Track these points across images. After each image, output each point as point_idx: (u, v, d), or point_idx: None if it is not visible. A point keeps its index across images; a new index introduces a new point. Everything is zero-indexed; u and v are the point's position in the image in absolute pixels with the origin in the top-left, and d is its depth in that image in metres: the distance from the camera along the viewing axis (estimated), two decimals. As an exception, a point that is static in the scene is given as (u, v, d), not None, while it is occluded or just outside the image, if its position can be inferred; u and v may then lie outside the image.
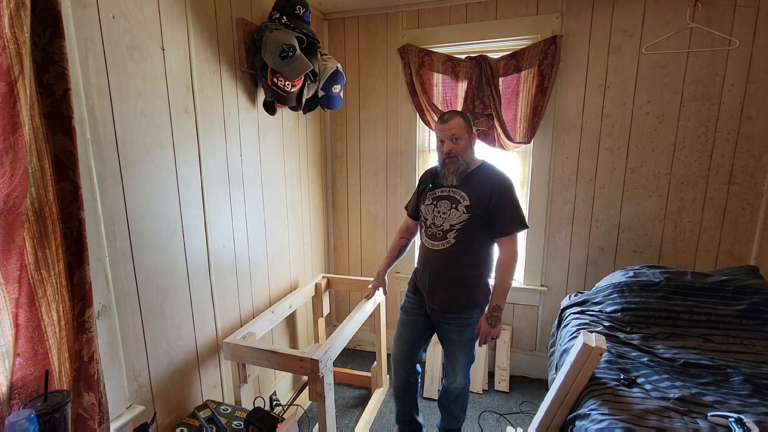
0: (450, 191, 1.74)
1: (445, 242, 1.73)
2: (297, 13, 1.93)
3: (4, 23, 0.87)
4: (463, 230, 1.70)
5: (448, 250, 1.72)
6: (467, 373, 1.87)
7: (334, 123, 2.81)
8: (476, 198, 1.69)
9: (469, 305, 1.75)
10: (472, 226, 1.69)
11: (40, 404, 0.95)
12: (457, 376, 1.86)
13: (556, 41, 2.20)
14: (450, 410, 1.96)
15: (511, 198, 1.69)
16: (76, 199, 1.03)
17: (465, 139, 1.70)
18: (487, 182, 1.70)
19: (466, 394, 1.92)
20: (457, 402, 1.93)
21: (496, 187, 1.68)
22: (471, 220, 1.69)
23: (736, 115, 2.07)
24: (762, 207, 2.10)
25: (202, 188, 1.69)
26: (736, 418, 1.11)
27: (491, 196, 1.67)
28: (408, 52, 2.49)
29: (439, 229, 1.74)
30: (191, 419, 1.52)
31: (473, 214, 1.68)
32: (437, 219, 1.75)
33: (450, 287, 1.74)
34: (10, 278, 0.94)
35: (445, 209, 1.74)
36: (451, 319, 1.77)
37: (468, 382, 1.90)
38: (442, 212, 1.74)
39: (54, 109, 0.99)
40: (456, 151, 1.69)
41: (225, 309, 1.86)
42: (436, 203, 1.77)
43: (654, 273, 1.86)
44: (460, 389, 1.89)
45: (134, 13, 1.33)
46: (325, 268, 2.96)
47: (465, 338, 1.79)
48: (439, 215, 1.75)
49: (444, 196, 1.75)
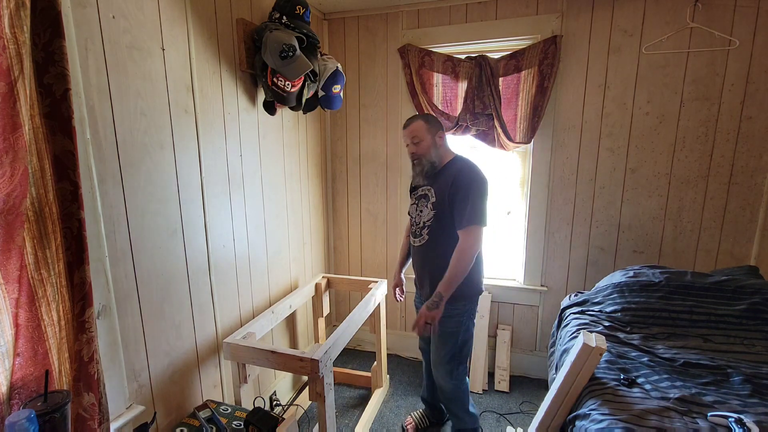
0: (425, 190, 1.82)
1: (421, 239, 1.83)
2: (297, 13, 1.93)
3: (4, 23, 0.87)
4: (432, 226, 1.77)
5: (424, 246, 1.82)
6: (454, 373, 1.82)
7: (334, 123, 2.81)
8: (440, 194, 1.74)
9: (452, 297, 1.72)
10: (439, 222, 1.75)
11: (40, 404, 0.95)
12: (438, 370, 1.84)
13: (556, 41, 2.20)
14: (453, 411, 1.94)
15: (465, 192, 1.66)
16: (76, 199, 1.03)
17: (426, 140, 1.75)
18: (449, 176, 1.73)
19: (459, 395, 1.87)
20: (455, 402, 1.90)
21: (455, 181, 1.69)
22: (437, 216, 1.75)
23: (736, 115, 2.07)
24: (762, 207, 2.11)
25: (202, 188, 1.69)
26: (736, 418, 1.11)
27: (450, 190, 1.70)
28: (408, 52, 2.49)
29: (417, 226, 1.84)
30: (191, 419, 1.52)
31: (438, 210, 1.74)
32: (416, 217, 1.86)
33: (430, 281, 1.82)
34: (10, 278, 0.94)
35: (421, 207, 1.83)
36: None
37: (460, 384, 1.85)
38: (419, 210, 1.84)
39: (54, 109, 0.98)
40: (418, 153, 1.77)
41: (225, 309, 1.86)
42: (417, 202, 1.86)
43: (654, 273, 1.86)
44: (449, 389, 1.85)
45: (134, 13, 1.33)
46: (325, 268, 2.96)
47: (446, 330, 1.78)
48: (417, 214, 1.85)
49: (422, 194, 1.84)
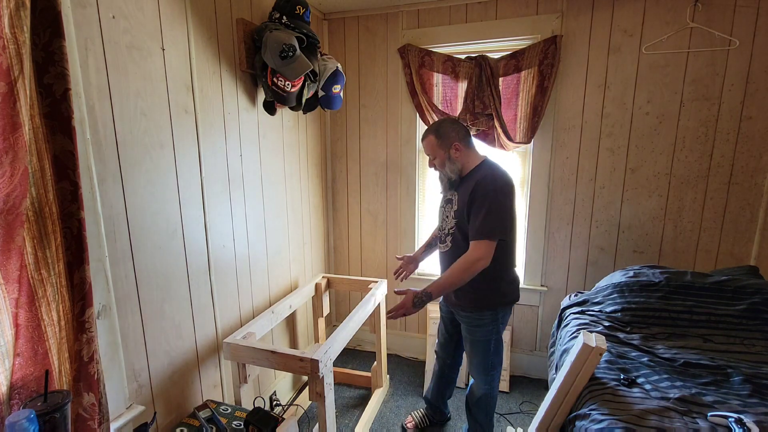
0: (451, 194, 1.78)
1: (445, 245, 1.79)
2: (297, 13, 1.93)
3: (4, 23, 0.87)
4: (454, 234, 1.74)
5: (448, 253, 1.78)
6: (487, 379, 1.83)
7: (334, 123, 2.81)
8: (461, 202, 1.69)
9: (477, 306, 1.74)
10: (460, 231, 1.71)
11: (40, 404, 0.95)
12: (475, 379, 1.87)
13: (556, 41, 2.20)
14: (475, 416, 1.93)
15: (480, 203, 1.59)
16: (76, 199, 1.03)
17: (440, 156, 1.73)
18: (470, 184, 1.66)
19: (488, 401, 1.88)
20: (480, 408, 1.90)
21: (474, 190, 1.63)
22: (458, 224, 1.71)
23: (736, 115, 2.07)
24: (762, 207, 2.10)
25: (202, 188, 1.69)
26: (736, 418, 1.11)
27: (468, 199, 1.64)
28: (408, 52, 2.48)
29: (443, 231, 1.81)
30: (191, 419, 1.52)
31: (459, 219, 1.70)
32: (442, 222, 1.82)
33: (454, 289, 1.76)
34: (10, 278, 0.94)
35: (447, 213, 1.79)
36: (463, 317, 1.82)
37: (490, 390, 1.86)
38: (445, 216, 1.81)
39: (54, 109, 0.98)
40: (437, 167, 1.77)
41: (225, 309, 1.86)
42: (444, 206, 1.83)
43: (654, 273, 1.86)
44: (480, 394, 1.87)
45: (134, 13, 1.33)
46: (325, 268, 2.96)
47: (476, 338, 1.79)
48: (444, 219, 1.82)
49: (449, 199, 1.80)
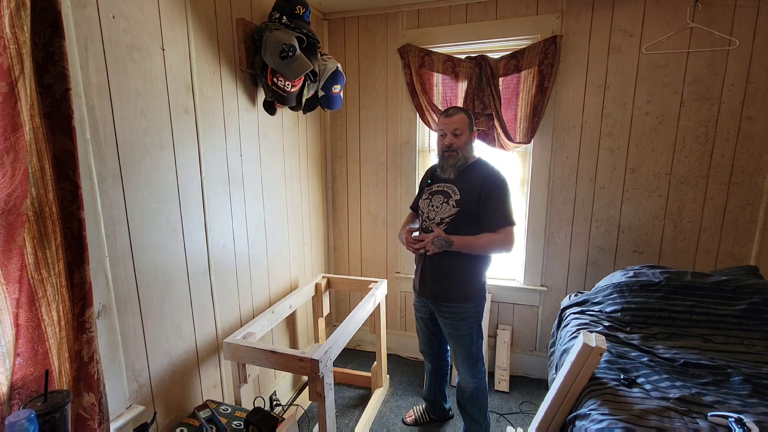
0: (444, 186, 1.81)
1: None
2: (297, 13, 1.93)
3: (5, 23, 0.87)
4: (451, 223, 1.76)
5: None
6: (474, 372, 1.86)
7: (334, 123, 2.81)
8: (467, 193, 1.75)
9: (460, 298, 1.77)
10: (461, 220, 1.75)
11: (40, 404, 0.95)
12: (462, 373, 1.89)
13: (556, 41, 2.20)
14: (469, 413, 1.94)
15: (498, 195, 1.71)
16: (76, 199, 1.03)
17: (466, 135, 1.77)
18: (479, 178, 1.75)
19: (480, 395, 1.90)
20: (473, 403, 1.91)
21: (486, 183, 1.72)
22: (459, 213, 1.75)
23: (736, 115, 2.07)
24: (762, 207, 2.10)
25: (202, 188, 1.69)
26: (736, 418, 1.11)
27: (481, 192, 1.72)
28: (408, 52, 2.48)
29: (432, 221, 1.82)
30: (191, 419, 1.52)
31: (462, 208, 1.74)
32: (431, 212, 1.83)
33: (439, 278, 1.80)
34: (11, 278, 0.94)
35: (438, 203, 1.81)
36: (444, 311, 1.82)
37: (480, 383, 1.89)
38: (435, 206, 1.82)
39: (54, 109, 0.99)
40: (456, 145, 1.76)
41: (225, 309, 1.86)
42: (431, 198, 1.85)
43: (654, 273, 1.86)
44: (471, 389, 1.89)
45: (134, 13, 1.33)
46: (325, 268, 2.96)
47: (461, 332, 1.81)
48: (432, 209, 1.83)
49: (439, 191, 1.83)
